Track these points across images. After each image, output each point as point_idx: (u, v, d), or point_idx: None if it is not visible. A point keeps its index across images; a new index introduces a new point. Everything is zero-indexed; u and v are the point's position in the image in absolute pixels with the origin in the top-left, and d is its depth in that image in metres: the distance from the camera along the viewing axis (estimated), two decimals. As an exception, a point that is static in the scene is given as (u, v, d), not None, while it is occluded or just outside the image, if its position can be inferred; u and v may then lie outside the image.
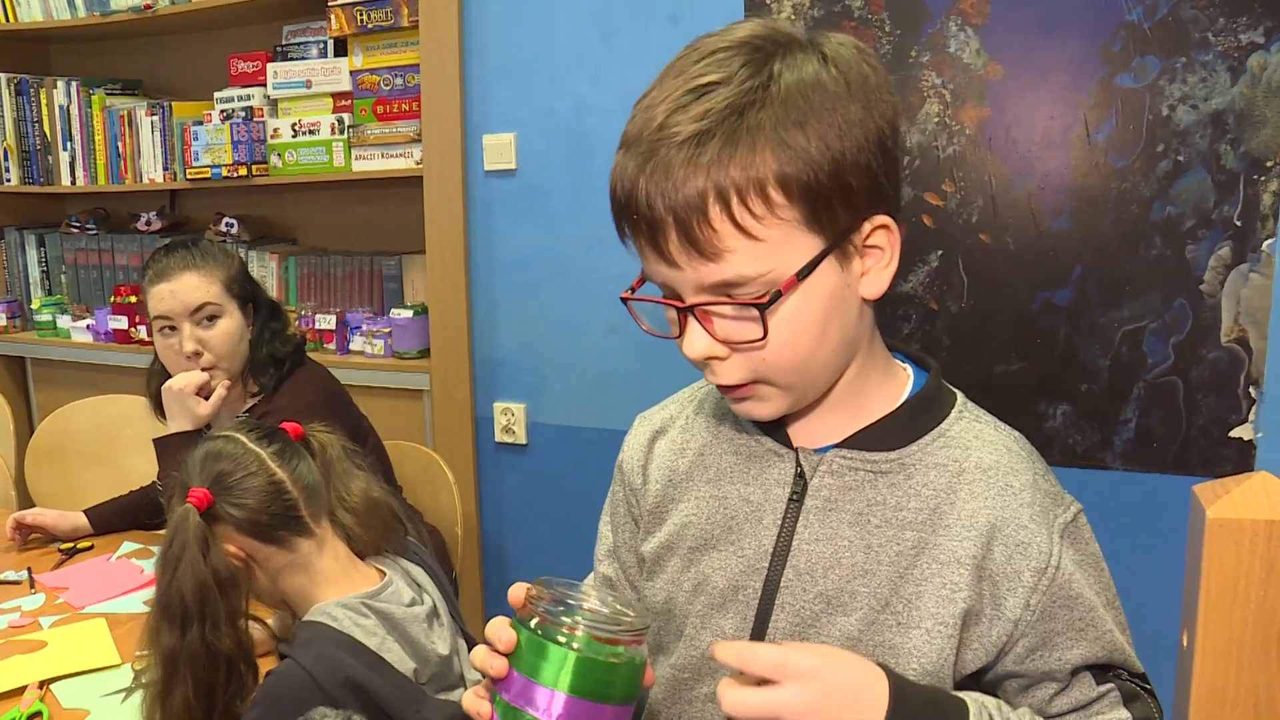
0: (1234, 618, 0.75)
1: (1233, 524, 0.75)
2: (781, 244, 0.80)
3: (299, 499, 1.32)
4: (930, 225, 2.00)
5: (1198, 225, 1.84)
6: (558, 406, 2.49)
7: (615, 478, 1.09)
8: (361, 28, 2.52)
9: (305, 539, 1.33)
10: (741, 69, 0.80)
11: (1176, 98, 1.82)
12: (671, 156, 0.79)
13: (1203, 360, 1.86)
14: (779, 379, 0.85)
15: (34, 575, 1.90)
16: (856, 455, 0.91)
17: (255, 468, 1.30)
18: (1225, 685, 0.77)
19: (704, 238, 0.78)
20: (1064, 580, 0.88)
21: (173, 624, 1.21)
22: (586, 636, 0.75)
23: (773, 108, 0.78)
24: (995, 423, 0.95)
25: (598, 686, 0.75)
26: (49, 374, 3.26)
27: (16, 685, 1.46)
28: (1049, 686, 0.91)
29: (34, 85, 3.10)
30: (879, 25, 1.98)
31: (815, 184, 0.79)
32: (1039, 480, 0.92)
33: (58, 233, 3.28)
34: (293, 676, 1.22)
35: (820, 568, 0.90)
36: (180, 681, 1.21)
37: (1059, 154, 1.90)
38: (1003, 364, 1.99)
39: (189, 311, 1.90)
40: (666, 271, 0.83)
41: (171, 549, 1.23)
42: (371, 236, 2.86)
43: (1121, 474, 1.94)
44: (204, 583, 1.21)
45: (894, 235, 0.85)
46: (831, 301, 0.84)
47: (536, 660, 0.76)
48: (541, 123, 2.38)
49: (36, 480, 2.67)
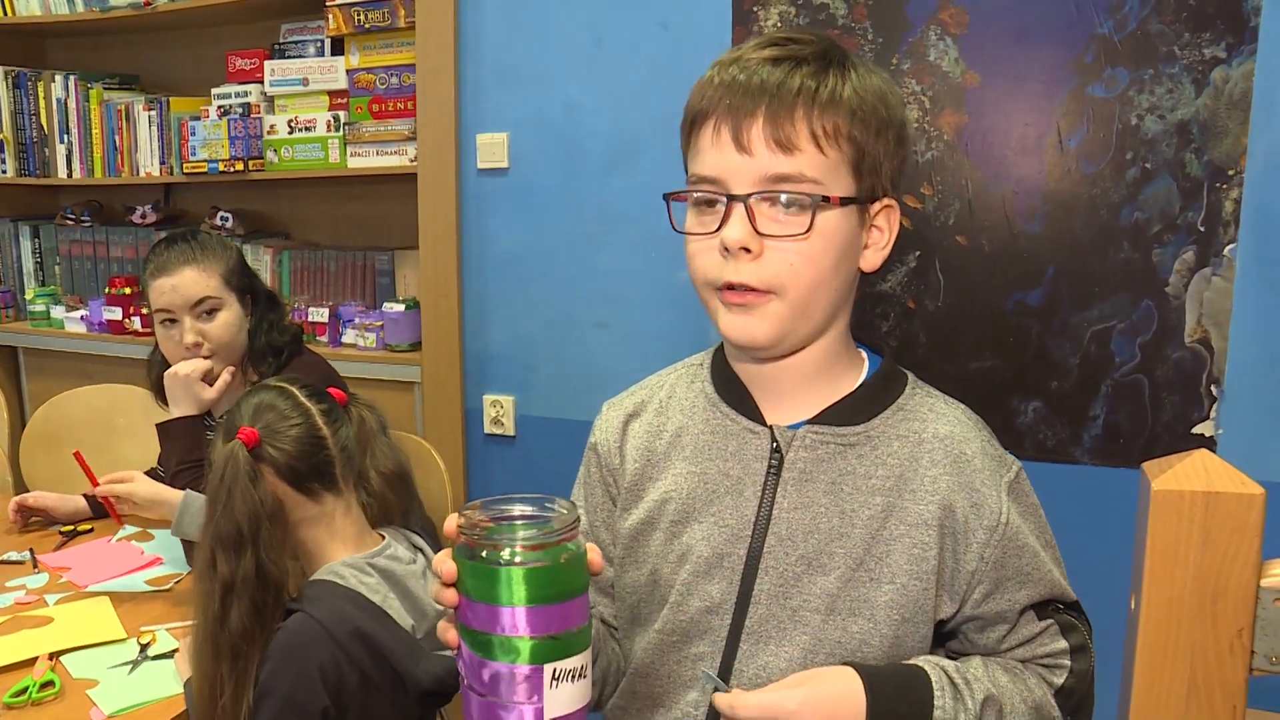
0: (1174, 579, 0.83)
1: (1174, 495, 0.82)
2: (835, 169, 0.94)
3: (335, 457, 1.40)
4: (909, 227, 2.08)
5: (1164, 230, 1.92)
6: (546, 399, 2.56)
7: (588, 460, 1.16)
8: (359, 27, 2.58)
9: (333, 495, 1.41)
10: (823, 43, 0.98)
11: (1144, 108, 1.90)
12: (771, 69, 0.94)
13: (1167, 360, 1.94)
14: (791, 291, 0.95)
15: (36, 556, 1.95)
16: (827, 430, 1.00)
17: (302, 420, 1.39)
18: (1166, 642, 0.84)
19: (785, 131, 0.92)
20: (1013, 533, 0.98)
21: (228, 551, 1.29)
22: (525, 549, 0.77)
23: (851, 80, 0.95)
24: (944, 397, 1.07)
25: (550, 590, 0.77)
26: (41, 364, 3.30)
27: (27, 657, 1.52)
28: (1000, 627, 1.01)
29: (31, 79, 3.14)
30: (862, 33, 2.05)
31: (866, 146, 0.95)
32: (986, 446, 1.03)
33: (52, 224, 3.32)
34: (305, 628, 1.30)
35: (800, 533, 0.98)
36: (236, 606, 1.29)
37: (1033, 160, 1.98)
38: (977, 361, 2.07)
39: (189, 305, 1.95)
40: (734, 159, 0.94)
41: (224, 481, 1.31)
42: (365, 232, 2.91)
43: (1089, 468, 2.02)
44: (256, 511, 1.30)
45: (895, 218, 1.00)
46: (848, 244, 0.97)
47: (485, 585, 0.78)
48: (534, 123, 2.44)
49: (31, 467, 2.71)
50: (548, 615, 0.77)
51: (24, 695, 1.41)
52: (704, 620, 1.02)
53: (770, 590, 0.99)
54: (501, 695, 0.79)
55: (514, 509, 0.82)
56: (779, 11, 2.12)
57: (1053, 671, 1.04)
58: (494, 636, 0.78)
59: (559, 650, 0.79)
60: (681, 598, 1.03)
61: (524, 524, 0.80)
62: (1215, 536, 0.81)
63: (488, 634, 0.78)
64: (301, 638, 1.30)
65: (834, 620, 0.97)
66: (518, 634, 0.77)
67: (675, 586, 1.04)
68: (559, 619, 0.78)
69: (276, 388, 1.44)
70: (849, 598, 0.97)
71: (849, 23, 2.06)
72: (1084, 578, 1.85)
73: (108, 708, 1.40)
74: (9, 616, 1.68)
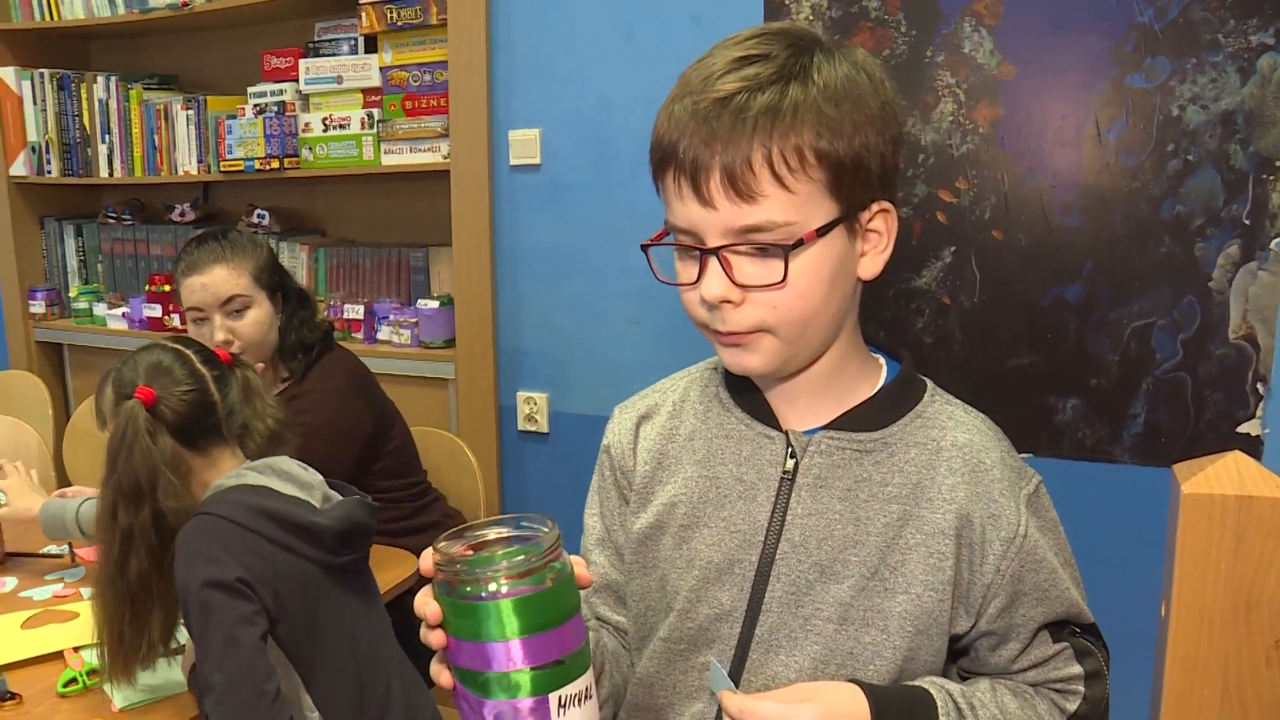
0: (1205, 586, 0.80)
1: (1205, 499, 0.80)
2: (807, 201, 0.88)
3: (222, 416, 1.50)
4: (944, 222, 2.04)
5: (1206, 224, 1.87)
6: (579, 396, 2.55)
7: (601, 463, 1.14)
8: (391, 25, 2.58)
9: (218, 446, 1.51)
10: (784, 50, 0.90)
11: (1187, 98, 1.85)
12: (722, 108, 0.88)
13: (1211, 356, 1.89)
14: (782, 329, 0.92)
15: (75, 550, 1.98)
16: (843, 435, 0.97)
17: (195, 384, 1.48)
18: (1197, 651, 0.81)
19: (744, 181, 0.87)
20: (1030, 546, 0.95)
21: (128, 502, 1.37)
22: (510, 578, 0.72)
23: (813, 86, 0.88)
24: (964, 405, 1.03)
25: (543, 616, 0.73)
26: (85, 360, 3.35)
27: (49, 650, 1.58)
28: (1013, 645, 0.98)
29: (75, 80, 3.19)
30: (895, 26, 2.02)
31: (841, 158, 0.88)
32: (1005, 457, 1.00)
33: (95, 223, 3.37)
34: (202, 521, 1.39)
35: (814, 540, 0.96)
36: (134, 554, 1.36)
37: (1070, 153, 1.94)
38: (1014, 358, 2.03)
39: (219, 303, 1.97)
40: (699, 213, 0.90)
41: (125, 437, 1.39)
42: (399, 229, 2.92)
43: (1129, 468, 1.97)
44: (154, 464, 1.38)
45: (892, 221, 0.94)
46: (839, 266, 0.92)
47: (473, 623, 0.73)
48: (565, 119, 2.43)
49: (74, 461, 2.75)
50: (544, 643, 0.73)
51: (75, 685, 1.49)
52: (713, 628, 1.00)
53: (782, 598, 0.97)
54: None
55: (490, 533, 0.77)
56: (811, 4, 2.09)
57: (1066, 697, 1.00)
58: (491, 674, 0.73)
59: (561, 677, 0.74)
60: (690, 605, 1.00)
61: (504, 552, 0.74)
62: (1248, 542, 0.78)
63: (484, 672, 0.73)
64: (200, 528, 1.38)
65: (846, 630, 0.95)
66: (515, 668, 0.73)
67: (683, 593, 1.01)
68: (556, 645, 0.74)
69: (172, 349, 1.52)
70: (862, 607, 0.95)
71: (882, 15, 2.03)
72: (1121, 582, 1.81)
73: (120, 701, 1.46)
74: (41, 610, 1.71)
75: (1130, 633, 1.28)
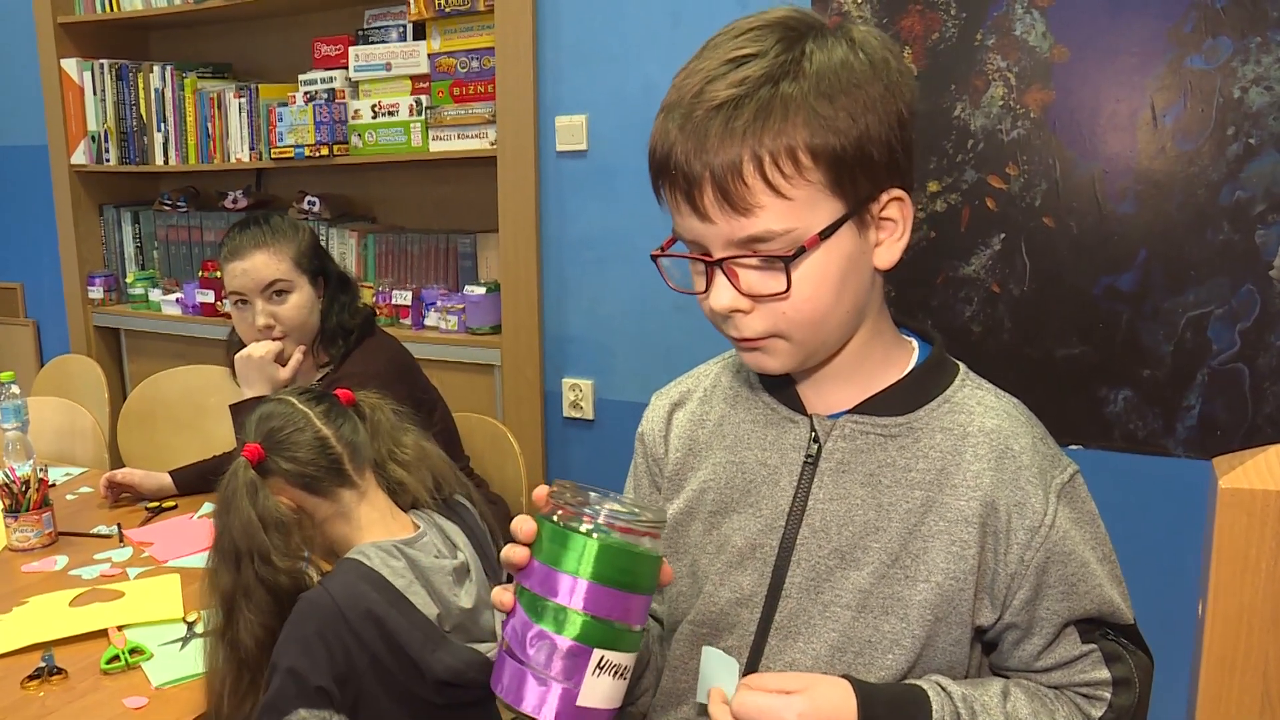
0: (1245, 586, 0.77)
1: (1245, 494, 0.76)
2: (807, 205, 0.85)
3: (342, 454, 1.42)
4: (993, 208, 2.00)
5: (1269, 210, 1.81)
6: (625, 383, 2.54)
7: (637, 451, 1.14)
8: (439, 12, 2.58)
9: (348, 490, 1.42)
10: (775, 44, 0.86)
11: (1249, 79, 1.79)
12: (710, 119, 0.85)
13: (1270, 347, 1.83)
14: (795, 334, 0.90)
15: (123, 530, 2.01)
16: (867, 420, 0.96)
17: (303, 424, 1.41)
18: (1235, 652, 0.78)
19: (737, 194, 0.84)
20: (1059, 538, 0.92)
21: (227, 563, 1.32)
22: (606, 526, 0.78)
23: (805, 80, 0.84)
24: (996, 390, 1.00)
25: (618, 574, 0.78)
26: (141, 344, 3.41)
27: (94, 628, 1.60)
28: (1036, 640, 0.95)
29: (133, 70, 3.24)
30: (944, 9, 1.98)
31: (840, 152, 0.84)
32: (1038, 444, 0.96)
33: (151, 210, 3.43)
34: (318, 601, 1.31)
35: (834, 525, 0.94)
36: (242, 619, 1.31)
37: (1125, 137, 1.89)
38: (1064, 347, 1.99)
39: (260, 288, 1.98)
40: (699, 226, 0.88)
41: (225, 499, 1.34)
42: (447, 215, 2.93)
43: (1183, 461, 1.92)
44: (249, 522, 1.31)
45: (907, 208, 0.91)
46: (849, 264, 0.89)
47: (559, 550, 0.78)
48: (612, 105, 2.42)
49: (128, 444, 2.80)
50: (609, 598, 0.78)
51: (118, 663, 1.50)
52: (734, 613, 0.98)
53: (802, 583, 0.95)
54: (540, 666, 0.78)
55: (607, 496, 0.81)
56: (859, -14, 2.05)
57: (1091, 703, 0.96)
58: (551, 603, 0.78)
59: (609, 638, 0.78)
60: (715, 588, 1.00)
61: (615, 505, 0.80)
62: (1291, 540, 0.75)
63: (546, 599, 0.78)
64: (312, 609, 1.31)
65: (865, 618, 0.93)
66: (575, 607, 0.77)
67: (709, 578, 1.01)
68: (619, 607, 0.78)
69: (275, 399, 1.46)
70: (882, 595, 0.93)
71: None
72: (1172, 579, 1.77)
73: (156, 679, 1.47)
74: (89, 589, 1.75)
75: (1185, 634, 1.24)
